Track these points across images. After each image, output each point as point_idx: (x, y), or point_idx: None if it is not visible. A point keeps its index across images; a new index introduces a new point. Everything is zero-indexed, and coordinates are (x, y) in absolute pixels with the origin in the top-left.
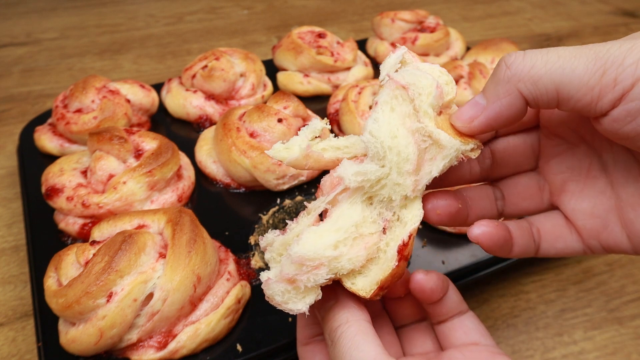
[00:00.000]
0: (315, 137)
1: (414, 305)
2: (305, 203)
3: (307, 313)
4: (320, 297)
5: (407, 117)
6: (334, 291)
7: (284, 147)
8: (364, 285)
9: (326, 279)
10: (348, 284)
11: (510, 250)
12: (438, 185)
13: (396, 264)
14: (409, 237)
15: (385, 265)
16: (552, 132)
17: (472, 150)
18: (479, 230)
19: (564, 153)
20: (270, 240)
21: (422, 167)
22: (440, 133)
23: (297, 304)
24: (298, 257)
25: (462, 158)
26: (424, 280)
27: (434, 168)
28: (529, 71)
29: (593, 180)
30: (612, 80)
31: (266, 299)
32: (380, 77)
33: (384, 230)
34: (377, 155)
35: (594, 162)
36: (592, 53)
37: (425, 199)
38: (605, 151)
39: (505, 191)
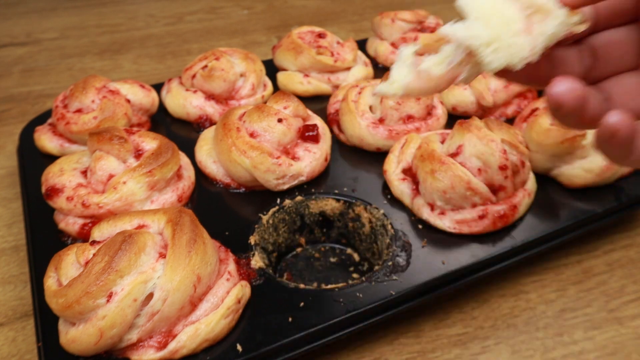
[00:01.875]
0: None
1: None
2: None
3: None
4: None
5: None
6: None
7: (390, 81)
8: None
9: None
10: None
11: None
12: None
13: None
14: None
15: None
16: None
17: (577, 24)
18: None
19: None
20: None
21: (533, 29)
22: None
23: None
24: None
25: (569, 32)
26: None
27: (548, 28)
28: None
29: None
30: None
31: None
32: None
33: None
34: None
35: None
36: None
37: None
38: None
39: (611, 92)
